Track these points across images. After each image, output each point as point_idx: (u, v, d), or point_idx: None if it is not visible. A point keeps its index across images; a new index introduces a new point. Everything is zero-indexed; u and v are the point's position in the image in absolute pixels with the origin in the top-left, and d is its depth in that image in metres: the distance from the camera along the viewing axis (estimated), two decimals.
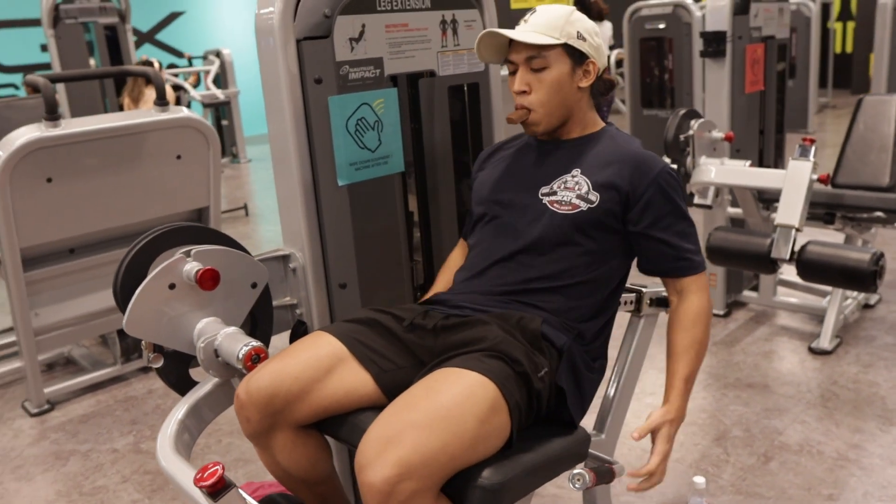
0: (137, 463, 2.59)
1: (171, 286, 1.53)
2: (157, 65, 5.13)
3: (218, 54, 9.23)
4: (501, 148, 1.76)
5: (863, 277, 2.44)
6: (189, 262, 1.54)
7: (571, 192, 1.54)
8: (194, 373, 1.66)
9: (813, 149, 2.56)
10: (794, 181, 2.54)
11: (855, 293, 3.29)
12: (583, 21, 1.57)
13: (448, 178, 2.02)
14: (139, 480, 2.48)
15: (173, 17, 11.06)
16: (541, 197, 1.57)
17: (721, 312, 3.49)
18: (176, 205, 3.06)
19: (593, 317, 1.56)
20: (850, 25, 12.14)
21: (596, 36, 1.59)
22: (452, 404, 1.23)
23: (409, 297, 1.97)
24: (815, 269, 2.56)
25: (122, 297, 1.53)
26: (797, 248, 2.62)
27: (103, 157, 2.78)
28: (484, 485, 1.22)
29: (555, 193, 1.55)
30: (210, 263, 1.54)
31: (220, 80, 9.16)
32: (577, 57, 1.56)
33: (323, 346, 1.43)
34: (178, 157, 2.94)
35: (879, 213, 2.79)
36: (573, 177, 1.56)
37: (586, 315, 1.55)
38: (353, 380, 1.40)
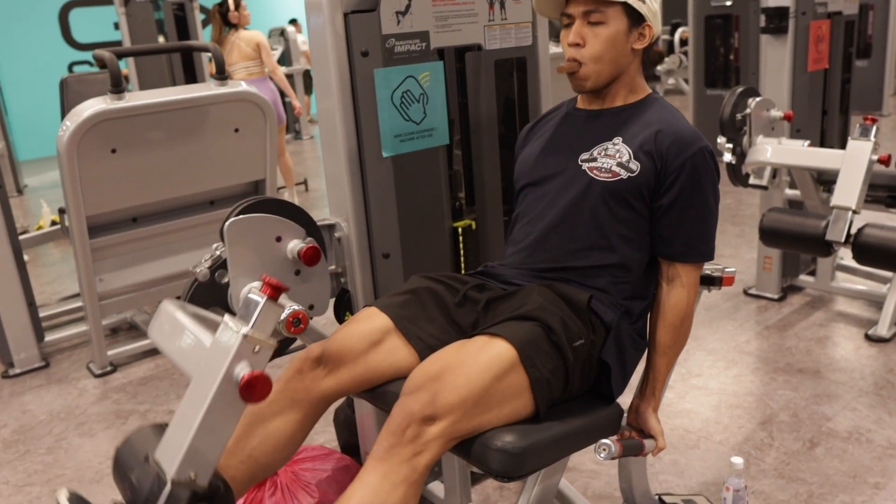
0: None
1: (278, 239, 1.65)
2: (231, 3, 5.17)
3: (282, 33, 9.38)
4: (542, 120, 1.76)
5: None
6: (303, 239, 1.67)
7: (612, 159, 1.52)
8: None
9: (874, 129, 2.48)
10: (852, 161, 2.46)
11: None
12: None
13: (493, 152, 2.04)
14: None
15: None
16: (580, 163, 1.56)
17: (775, 296, 3.42)
18: (234, 177, 3.15)
19: (639, 294, 1.56)
20: None
21: (655, 2, 1.58)
22: (477, 362, 1.30)
23: (451, 268, 2.00)
24: (872, 252, 2.48)
25: (238, 211, 1.63)
26: (854, 230, 2.54)
27: (165, 130, 2.88)
28: (507, 448, 1.25)
29: (595, 160, 1.54)
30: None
31: (285, 57, 9.31)
32: (635, 17, 1.55)
33: (372, 320, 1.50)
34: (236, 130, 3.03)
35: None
36: (614, 144, 1.54)
37: (632, 292, 1.55)
38: (399, 354, 1.47)
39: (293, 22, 10.13)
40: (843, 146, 3.50)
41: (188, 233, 3.16)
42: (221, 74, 2.94)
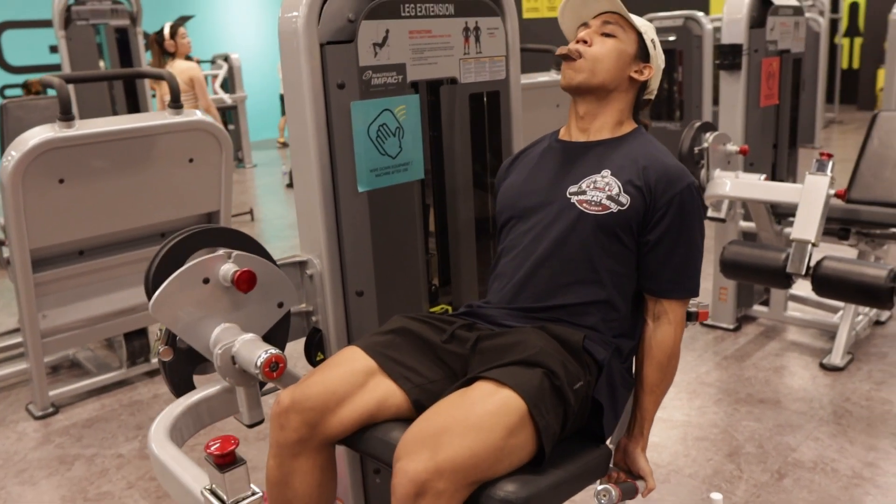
0: (143, 469, 2.56)
1: (206, 280, 1.55)
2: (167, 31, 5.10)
3: (226, 59, 9.25)
4: (524, 153, 1.74)
5: (880, 294, 2.43)
6: (228, 262, 1.56)
7: (601, 192, 1.50)
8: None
9: (830, 164, 2.55)
10: (810, 196, 2.52)
11: (866, 309, 3.27)
12: (654, 32, 1.65)
13: (467, 187, 2.00)
14: (145, 487, 2.46)
15: (182, 20, 11.06)
16: (569, 196, 1.53)
17: (731, 326, 3.47)
18: (187, 208, 3.04)
19: (627, 333, 1.54)
20: (858, 41, 12.16)
21: (660, 58, 1.65)
22: (485, 414, 1.24)
23: (425, 306, 1.95)
24: (831, 284, 2.54)
25: (155, 280, 1.53)
26: (812, 263, 2.60)
27: (116, 159, 2.76)
28: (510, 499, 1.20)
29: (584, 192, 1.52)
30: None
31: (228, 84, 9.17)
32: (642, 52, 1.60)
33: (356, 362, 1.42)
34: (191, 160, 2.93)
35: (895, 230, 2.78)
36: (603, 177, 1.52)
37: (621, 330, 1.53)
38: (385, 395, 1.40)
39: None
40: (792, 179, 3.61)
41: (137, 266, 3.03)
42: (177, 103, 2.84)
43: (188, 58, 5.61)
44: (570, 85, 1.58)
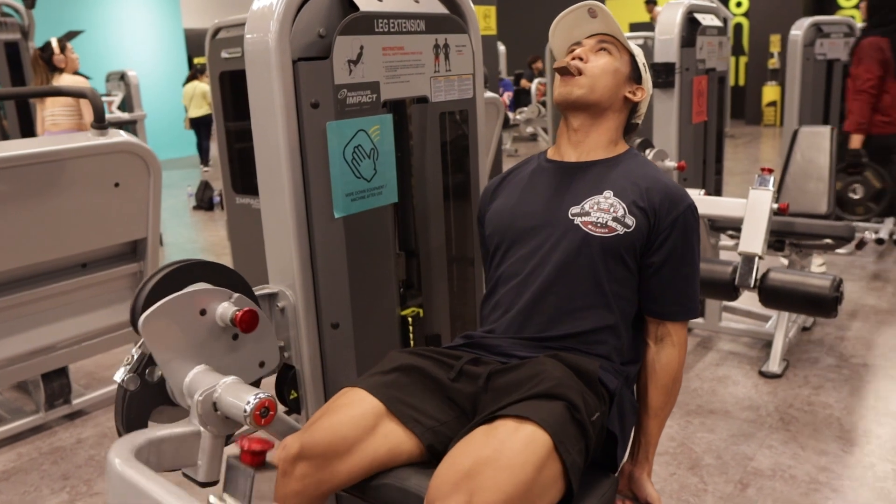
0: None
1: (202, 312, 1.43)
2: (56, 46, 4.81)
3: (122, 77, 8.80)
4: (510, 175, 1.67)
5: (825, 303, 2.51)
6: (228, 301, 1.46)
7: (607, 213, 1.46)
8: None
9: (772, 178, 2.63)
10: (755, 210, 2.59)
11: (797, 317, 3.40)
12: (643, 57, 1.62)
13: (438, 209, 1.93)
14: None
15: (71, 35, 10.47)
16: (571, 217, 1.48)
17: None
18: (111, 236, 2.82)
19: (633, 359, 1.50)
20: (742, 60, 12.89)
21: (650, 83, 1.63)
22: (513, 452, 1.17)
23: (403, 336, 1.86)
24: (778, 295, 2.61)
25: (149, 297, 1.40)
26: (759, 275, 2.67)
27: (31, 185, 2.52)
28: None
29: (588, 214, 1.47)
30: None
31: (126, 104, 8.72)
32: (635, 72, 1.57)
33: (362, 404, 1.32)
34: (116, 184, 2.72)
35: (828, 240, 2.90)
36: (606, 198, 1.47)
37: (628, 357, 1.49)
38: (397, 441, 1.31)
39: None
40: (718, 194, 3.73)
41: (57, 300, 2.78)
42: (101, 122, 2.63)
43: (77, 74, 5.29)
44: (568, 99, 1.53)
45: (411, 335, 1.88)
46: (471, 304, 2.07)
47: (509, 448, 1.16)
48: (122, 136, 2.71)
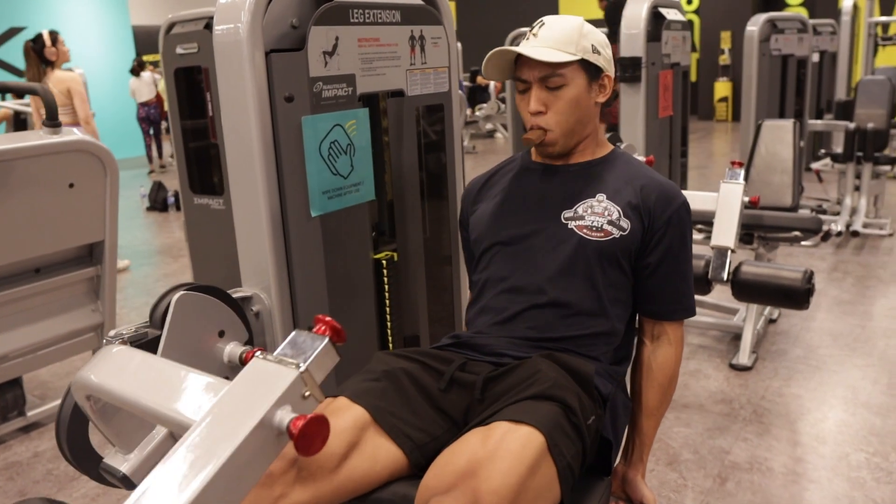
0: None
1: (221, 333, 1.40)
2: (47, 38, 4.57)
3: None
4: (493, 176, 1.62)
5: (797, 295, 2.53)
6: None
7: (601, 217, 1.42)
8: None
9: (742, 172, 2.63)
10: (726, 203, 2.59)
11: (765, 310, 3.43)
12: (595, 33, 1.47)
13: (415, 206, 1.88)
14: None
15: (13, 32, 10.13)
16: (564, 221, 1.44)
17: None
18: (66, 239, 2.69)
19: (625, 358, 1.47)
20: (694, 56, 13.08)
21: (607, 48, 1.49)
22: (508, 452, 1.12)
23: (382, 338, 1.80)
24: (750, 289, 2.62)
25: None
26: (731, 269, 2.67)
27: None
28: None
29: (581, 218, 1.43)
30: None
31: None
32: (593, 71, 1.45)
33: (347, 415, 1.24)
34: (71, 185, 2.59)
35: (796, 233, 2.92)
36: (599, 202, 1.44)
37: (620, 357, 1.45)
38: (383, 456, 1.23)
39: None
40: (683, 187, 3.74)
41: (9, 308, 2.64)
42: (53, 120, 2.50)
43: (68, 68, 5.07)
44: (552, 154, 1.50)
45: (389, 336, 1.82)
46: (449, 304, 2.01)
47: (506, 448, 1.12)
48: (76, 134, 2.59)
